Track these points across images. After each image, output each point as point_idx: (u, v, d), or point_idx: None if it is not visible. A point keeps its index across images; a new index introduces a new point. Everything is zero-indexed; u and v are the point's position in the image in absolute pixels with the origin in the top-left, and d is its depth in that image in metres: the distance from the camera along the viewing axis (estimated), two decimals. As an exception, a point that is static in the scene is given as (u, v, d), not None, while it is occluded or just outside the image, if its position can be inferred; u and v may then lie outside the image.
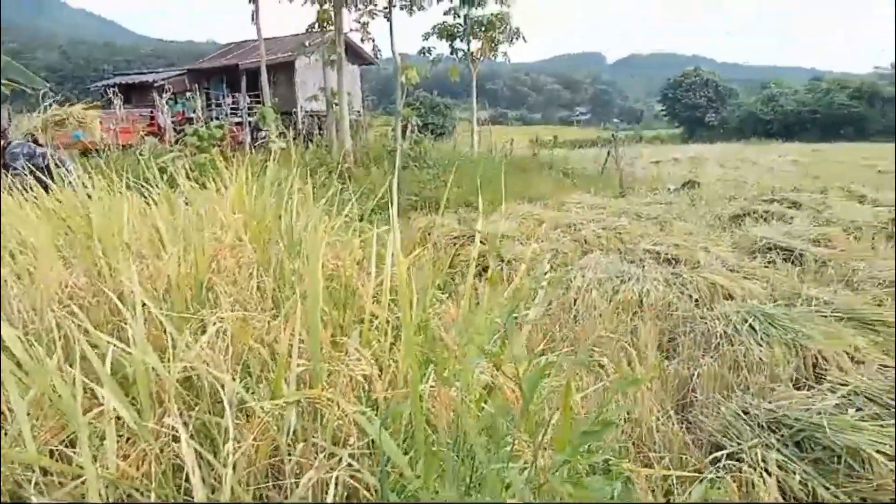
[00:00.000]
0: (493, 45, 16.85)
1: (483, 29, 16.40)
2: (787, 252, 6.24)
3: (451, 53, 17.60)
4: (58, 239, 3.00)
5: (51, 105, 16.61)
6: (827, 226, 7.28)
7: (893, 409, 3.66)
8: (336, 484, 1.34)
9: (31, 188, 3.49)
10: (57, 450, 1.52)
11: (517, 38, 16.83)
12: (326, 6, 14.65)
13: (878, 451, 2.42)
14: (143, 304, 1.70)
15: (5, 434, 1.50)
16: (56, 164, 4.33)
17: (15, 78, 12.96)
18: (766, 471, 2.35)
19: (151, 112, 19.90)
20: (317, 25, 15.52)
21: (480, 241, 7.74)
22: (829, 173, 18.49)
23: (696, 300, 5.16)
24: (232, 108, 24.14)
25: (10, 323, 1.70)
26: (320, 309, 1.69)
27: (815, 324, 3.93)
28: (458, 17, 16.65)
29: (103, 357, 1.58)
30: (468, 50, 17.14)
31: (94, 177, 3.64)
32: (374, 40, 16.12)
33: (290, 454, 1.48)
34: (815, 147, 35.94)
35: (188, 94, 18.84)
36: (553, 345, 4.02)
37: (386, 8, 14.89)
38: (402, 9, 15.21)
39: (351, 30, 15.38)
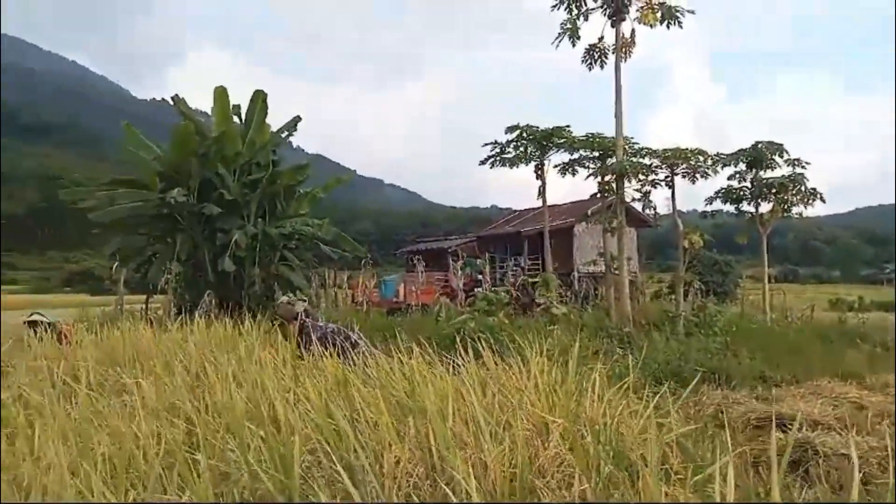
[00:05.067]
0: (785, 207, 15.64)
1: (774, 192, 15.41)
2: None
3: (737, 216, 16.78)
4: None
5: (369, 265, 19.82)
6: None
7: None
8: None
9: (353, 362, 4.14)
10: None
11: (814, 199, 15.38)
12: (609, 178, 15.36)
13: None
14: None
15: None
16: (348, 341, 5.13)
17: (344, 247, 16.23)
18: None
19: (446, 275, 22.44)
20: (598, 194, 16.27)
21: (786, 427, 6.73)
22: None
23: None
24: (513, 271, 26.02)
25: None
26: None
27: None
28: (745, 180, 15.99)
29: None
30: (756, 212, 16.17)
31: (412, 351, 4.07)
32: (654, 207, 16.23)
33: None
34: None
35: (478, 260, 20.91)
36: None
37: (668, 177, 15.05)
38: (683, 177, 15.17)
39: (633, 200, 15.79)
